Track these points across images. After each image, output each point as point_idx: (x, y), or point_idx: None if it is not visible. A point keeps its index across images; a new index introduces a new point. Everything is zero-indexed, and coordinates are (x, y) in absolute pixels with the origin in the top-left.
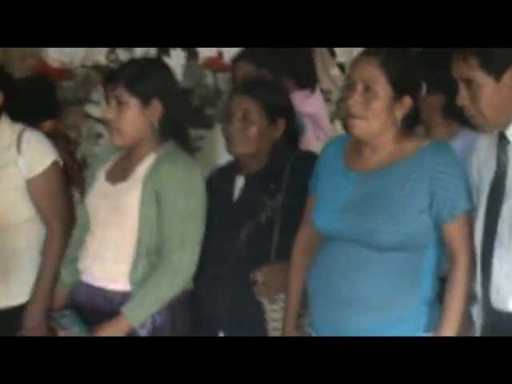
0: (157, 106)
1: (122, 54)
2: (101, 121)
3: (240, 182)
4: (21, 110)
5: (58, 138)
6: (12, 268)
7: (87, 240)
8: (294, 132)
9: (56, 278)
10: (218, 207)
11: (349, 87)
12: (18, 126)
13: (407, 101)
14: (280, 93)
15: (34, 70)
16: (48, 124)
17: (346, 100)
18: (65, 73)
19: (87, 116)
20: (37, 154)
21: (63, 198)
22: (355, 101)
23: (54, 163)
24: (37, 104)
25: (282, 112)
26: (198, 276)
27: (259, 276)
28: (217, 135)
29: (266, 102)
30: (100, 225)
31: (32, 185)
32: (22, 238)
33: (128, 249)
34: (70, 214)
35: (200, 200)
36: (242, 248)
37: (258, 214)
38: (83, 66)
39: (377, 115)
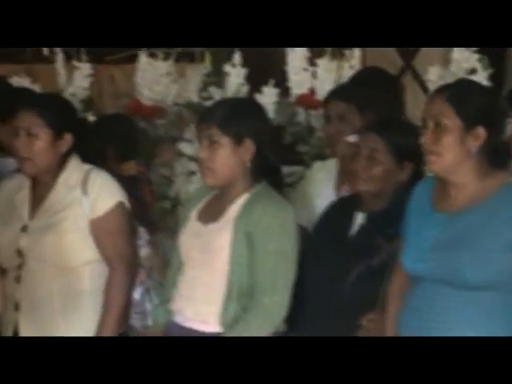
0: (249, 146)
1: (215, 92)
2: (193, 159)
3: (359, 218)
4: (102, 150)
5: (138, 179)
6: (75, 310)
7: (179, 280)
8: (420, 176)
9: (119, 320)
10: (332, 239)
11: (423, 127)
12: (86, 167)
13: (481, 132)
14: (410, 134)
15: (126, 109)
16: (129, 165)
17: (421, 140)
18: (158, 111)
19: (180, 154)
20: (101, 194)
21: (127, 240)
22: (428, 138)
23: (119, 204)
24: (119, 144)
25: (410, 155)
26: (298, 312)
27: (364, 322)
28: (311, 172)
29: (395, 143)
30: (191, 265)
31: (95, 226)
32: (85, 280)
33: (219, 290)
34: (134, 255)
35: (292, 241)
36: (351, 288)
37: (372, 255)
38: (176, 104)
39: (448, 148)
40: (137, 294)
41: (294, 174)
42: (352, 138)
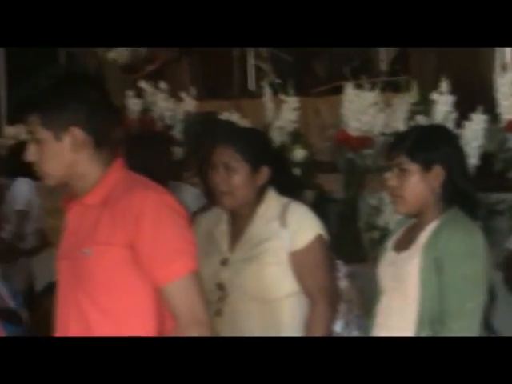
0: (438, 172)
1: (422, 120)
2: None
3: None
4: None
5: None
6: None
7: (376, 309)
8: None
9: None
10: None
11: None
12: (284, 199)
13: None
14: None
15: (334, 140)
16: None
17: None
18: (365, 141)
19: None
20: (301, 227)
21: (326, 273)
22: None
23: (318, 237)
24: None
25: None
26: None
27: None
28: None
29: None
30: (386, 293)
31: (295, 259)
32: (286, 312)
33: (411, 317)
34: (334, 288)
35: (481, 265)
36: None
37: None
38: (383, 134)
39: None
40: (337, 327)
41: (504, 200)
42: None
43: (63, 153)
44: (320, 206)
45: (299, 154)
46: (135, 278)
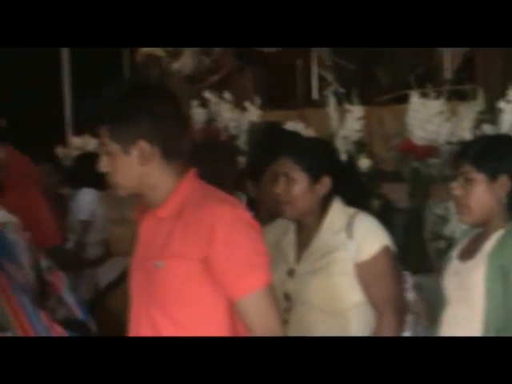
0: (504, 182)
1: (488, 129)
2: None
3: None
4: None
5: None
6: None
7: (442, 319)
8: None
9: None
10: None
11: None
12: (351, 210)
13: None
14: None
15: (399, 149)
16: None
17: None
18: (430, 150)
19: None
20: (367, 238)
21: (394, 284)
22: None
23: (385, 248)
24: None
25: None
26: None
27: None
28: None
29: None
30: (451, 303)
31: (361, 270)
32: (352, 323)
33: (477, 326)
34: (402, 300)
35: None
36: None
37: None
38: (448, 143)
39: None
40: None
41: None
42: None
43: (132, 165)
44: (385, 216)
45: (364, 163)
46: (208, 290)
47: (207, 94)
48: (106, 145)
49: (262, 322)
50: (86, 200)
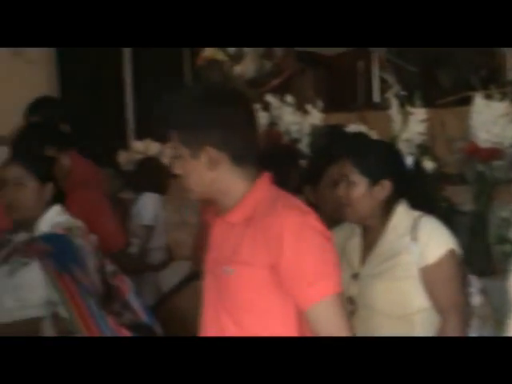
0: None
1: None
2: None
3: None
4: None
5: None
6: None
7: (509, 323)
8: None
9: None
10: None
11: None
12: (415, 213)
13: None
14: None
15: (463, 152)
16: None
17: None
18: (495, 153)
19: None
20: (432, 242)
21: (459, 288)
22: None
23: (450, 251)
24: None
25: None
26: None
27: None
28: None
29: None
30: None
31: (426, 274)
32: (417, 328)
33: None
34: (466, 304)
35: None
36: None
37: None
38: None
39: None
40: None
41: None
42: None
43: (201, 170)
44: (449, 219)
45: (428, 166)
46: (276, 297)
47: (269, 98)
48: (176, 148)
49: (330, 332)
50: (149, 205)
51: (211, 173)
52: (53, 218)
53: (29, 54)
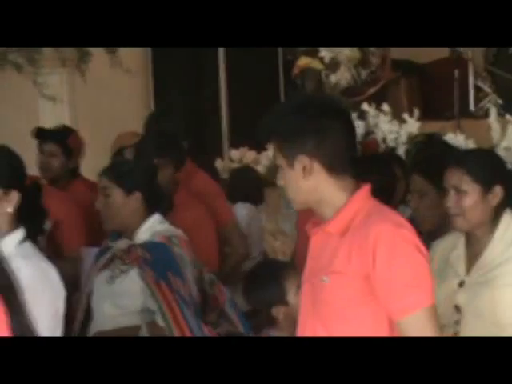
0: None
1: None
2: None
3: None
4: None
5: None
6: None
7: None
8: None
9: None
10: None
11: None
12: None
13: None
14: None
15: None
16: None
17: None
18: None
19: None
20: None
21: None
22: None
23: None
24: None
25: None
26: None
27: None
28: None
29: None
30: None
31: None
32: None
33: None
34: None
35: None
36: None
37: None
38: None
39: None
40: None
41: None
42: None
43: (297, 179)
44: None
45: None
46: (370, 308)
47: (365, 106)
48: (276, 158)
49: None
50: (243, 214)
51: (307, 182)
52: (153, 227)
53: (127, 63)
